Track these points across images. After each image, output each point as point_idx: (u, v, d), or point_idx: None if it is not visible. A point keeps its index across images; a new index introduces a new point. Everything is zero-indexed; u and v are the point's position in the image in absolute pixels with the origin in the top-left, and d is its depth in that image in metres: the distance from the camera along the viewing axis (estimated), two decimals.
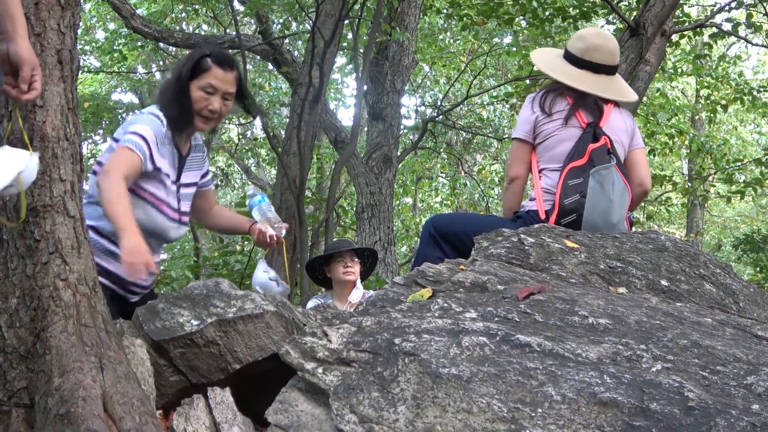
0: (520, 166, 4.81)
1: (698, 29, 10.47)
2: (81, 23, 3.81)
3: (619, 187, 4.52)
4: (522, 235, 3.97)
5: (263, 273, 4.39)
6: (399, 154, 13.57)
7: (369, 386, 2.50)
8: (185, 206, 4.37)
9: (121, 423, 2.54)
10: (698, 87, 15.27)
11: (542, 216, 4.53)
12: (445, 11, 12.52)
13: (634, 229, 4.95)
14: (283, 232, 4.42)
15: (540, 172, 4.68)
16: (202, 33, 15.97)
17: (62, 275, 2.87)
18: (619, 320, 2.91)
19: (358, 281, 6.43)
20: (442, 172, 20.63)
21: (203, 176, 4.54)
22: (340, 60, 16.28)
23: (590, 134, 4.58)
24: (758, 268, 14.78)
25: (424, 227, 4.87)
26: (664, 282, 3.74)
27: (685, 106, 14.92)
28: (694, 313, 3.26)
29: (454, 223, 4.98)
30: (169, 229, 4.26)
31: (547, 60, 5.05)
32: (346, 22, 9.92)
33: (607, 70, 4.81)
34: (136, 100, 19.55)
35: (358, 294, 6.27)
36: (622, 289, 3.56)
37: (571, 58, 4.85)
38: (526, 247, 3.84)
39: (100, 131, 17.92)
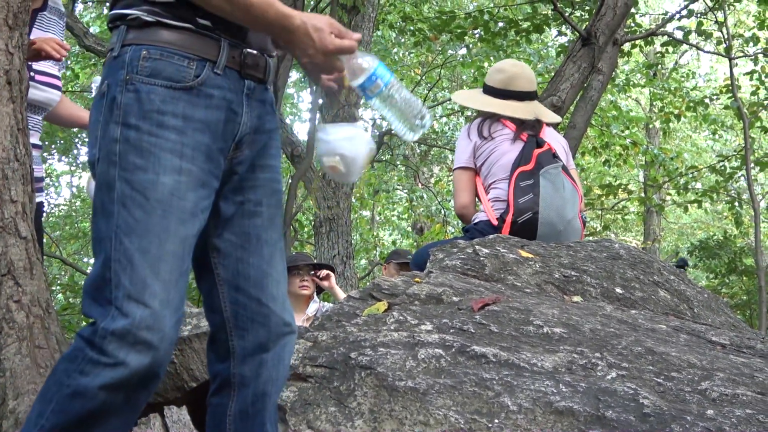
0: (465, 195, 4.85)
1: (649, 38, 10.57)
2: None
3: (569, 187, 4.59)
4: (477, 246, 3.98)
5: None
6: None
7: (326, 401, 2.50)
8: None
9: None
10: (651, 98, 15.39)
11: (494, 222, 4.54)
12: (398, 24, 12.52)
13: (589, 238, 4.98)
14: None
15: (488, 188, 4.71)
16: None
17: (15, 297, 2.85)
18: (574, 329, 2.93)
19: (315, 294, 6.43)
20: (399, 185, 20.62)
21: None
22: (295, 75, 16.24)
23: (533, 142, 4.66)
24: (713, 274, 14.89)
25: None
26: (618, 290, 3.77)
27: (639, 118, 15.01)
28: (648, 320, 3.29)
29: None
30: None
31: (472, 97, 5.24)
32: None
33: (529, 96, 4.91)
34: None
35: (314, 307, 6.28)
36: (576, 298, 3.58)
37: (493, 90, 4.93)
38: (481, 258, 3.86)
39: (54, 151, 17.74)
